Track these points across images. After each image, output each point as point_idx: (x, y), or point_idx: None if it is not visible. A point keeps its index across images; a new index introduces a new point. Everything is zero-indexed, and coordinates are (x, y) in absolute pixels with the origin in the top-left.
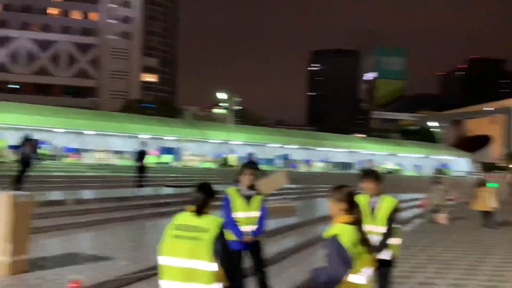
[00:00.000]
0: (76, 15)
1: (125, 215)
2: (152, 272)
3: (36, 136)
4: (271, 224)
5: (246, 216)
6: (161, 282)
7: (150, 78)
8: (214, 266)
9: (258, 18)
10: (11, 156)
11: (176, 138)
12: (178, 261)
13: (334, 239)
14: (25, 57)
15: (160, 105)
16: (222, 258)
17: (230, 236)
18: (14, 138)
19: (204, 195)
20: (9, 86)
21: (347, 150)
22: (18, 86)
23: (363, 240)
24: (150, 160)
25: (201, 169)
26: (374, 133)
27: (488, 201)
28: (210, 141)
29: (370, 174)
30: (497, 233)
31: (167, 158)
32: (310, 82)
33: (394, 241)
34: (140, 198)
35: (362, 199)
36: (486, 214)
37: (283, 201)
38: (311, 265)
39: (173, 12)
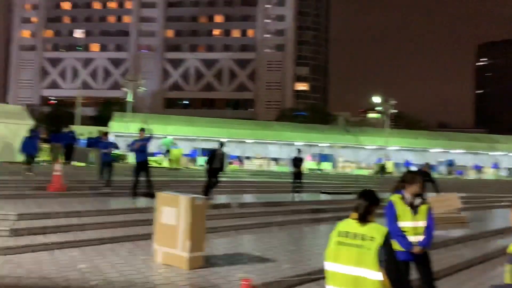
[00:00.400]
0: (235, 33)
1: (284, 220)
2: (313, 276)
3: (204, 145)
4: (438, 235)
5: (413, 226)
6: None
7: (302, 86)
8: (380, 275)
9: (413, 15)
10: (188, 164)
11: (330, 144)
12: (343, 268)
13: None
14: (194, 75)
15: (313, 112)
16: (389, 268)
17: (396, 246)
18: (187, 148)
19: (367, 202)
20: (181, 102)
21: None
22: (187, 102)
23: None
24: (307, 166)
25: (356, 176)
26: None
27: None
28: (366, 147)
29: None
30: None
31: (324, 165)
32: (477, 79)
33: None
34: (298, 203)
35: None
36: None
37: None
38: (488, 282)
39: (324, 20)
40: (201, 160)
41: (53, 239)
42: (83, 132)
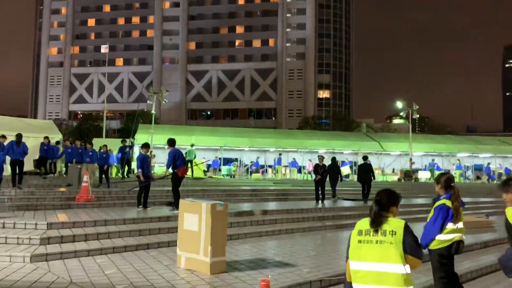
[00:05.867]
0: (256, 43)
1: (306, 226)
2: (332, 281)
3: (226, 155)
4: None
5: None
6: (354, 286)
7: (325, 94)
8: (403, 268)
9: (437, 18)
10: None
11: (353, 151)
12: (367, 265)
13: None
14: (216, 86)
15: (335, 120)
16: (417, 251)
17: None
18: (211, 158)
19: (382, 201)
20: (204, 113)
21: None
22: (210, 113)
23: None
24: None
25: (381, 182)
26: None
27: None
28: (390, 153)
29: (510, 183)
30: None
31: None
32: (505, 81)
33: None
34: (320, 210)
35: (510, 213)
36: None
37: (477, 215)
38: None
39: (345, 26)
40: (225, 170)
41: (81, 247)
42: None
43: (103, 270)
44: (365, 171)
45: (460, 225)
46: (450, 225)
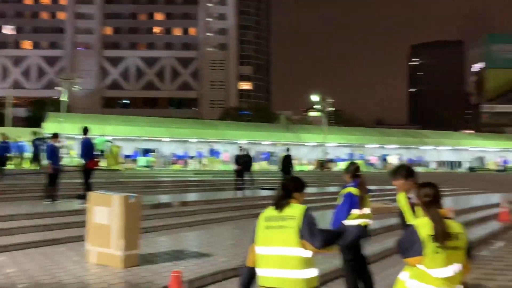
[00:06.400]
0: (177, 32)
1: (225, 216)
2: None
3: (145, 145)
4: (372, 224)
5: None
6: (258, 270)
7: (246, 85)
8: (304, 252)
9: (352, 15)
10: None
11: (272, 142)
12: (271, 250)
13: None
14: (134, 74)
15: (256, 111)
16: (316, 236)
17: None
18: (129, 149)
19: (287, 187)
20: (121, 101)
21: (453, 148)
22: (128, 101)
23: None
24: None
25: (298, 172)
26: (485, 129)
27: None
28: (306, 144)
29: (399, 171)
30: None
31: (263, 163)
32: (410, 78)
33: None
34: (239, 200)
35: (402, 198)
36: None
37: (382, 202)
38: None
39: (265, 19)
40: (142, 161)
41: None
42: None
43: (2, 269)
44: (288, 162)
45: (366, 211)
46: (356, 211)
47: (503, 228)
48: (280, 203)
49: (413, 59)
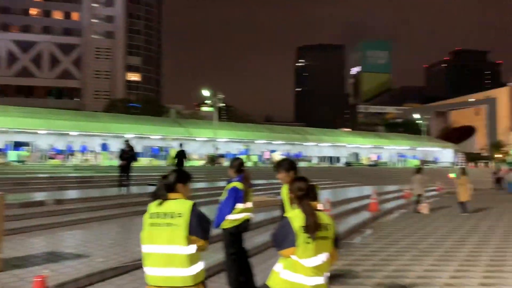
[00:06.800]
0: (57, 15)
1: (107, 214)
2: (128, 267)
3: (19, 138)
4: (256, 217)
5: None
6: (145, 269)
7: (134, 77)
8: (191, 249)
9: (245, 16)
10: None
11: (162, 136)
12: (157, 248)
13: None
14: (6, 59)
15: (145, 104)
16: (205, 232)
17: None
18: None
19: (169, 180)
20: None
21: (332, 144)
22: None
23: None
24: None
25: (188, 167)
26: (361, 127)
27: (464, 190)
28: (196, 139)
29: (281, 164)
30: (475, 219)
31: (148, 159)
32: (297, 78)
33: None
34: (124, 197)
35: (284, 190)
36: (463, 202)
37: (267, 195)
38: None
39: (157, 11)
40: (13, 155)
41: None
42: None
43: None
44: (181, 157)
45: (249, 205)
46: (240, 205)
47: (372, 217)
48: (161, 195)
49: (299, 60)
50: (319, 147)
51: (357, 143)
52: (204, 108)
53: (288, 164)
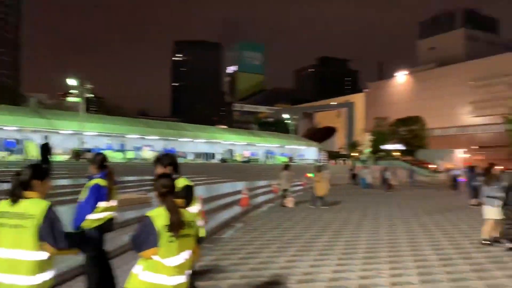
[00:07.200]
0: None
1: None
2: None
3: None
4: (125, 215)
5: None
6: None
7: None
8: (41, 255)
9: (119, 5)
10: None
11: (18, 128)
12: (0, 252)
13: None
14: None
15: None
16: (59, 239)
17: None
18: None
19: (23, 176)
20: None
21: (207, 140)
22: None
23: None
24: None
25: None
26: (236, 125)
27: (321, 186)
28: (60, 131)
29: (159, 160)
30: (333, 212)
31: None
32: (174, 72)
33: None
34: None
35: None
36: (321, 196)
37: (138, 192)
38: None
39: None
40: None
41: None
42: None
43: None
44: (46, 151)
45: (113, 203)
46: (103, 204)
47: (243, 211)
48: (14, 193)
49: (177, 55)
50: (195, 143)
51: (232, 140)
52: (70, 98)
53: (168, 159)
